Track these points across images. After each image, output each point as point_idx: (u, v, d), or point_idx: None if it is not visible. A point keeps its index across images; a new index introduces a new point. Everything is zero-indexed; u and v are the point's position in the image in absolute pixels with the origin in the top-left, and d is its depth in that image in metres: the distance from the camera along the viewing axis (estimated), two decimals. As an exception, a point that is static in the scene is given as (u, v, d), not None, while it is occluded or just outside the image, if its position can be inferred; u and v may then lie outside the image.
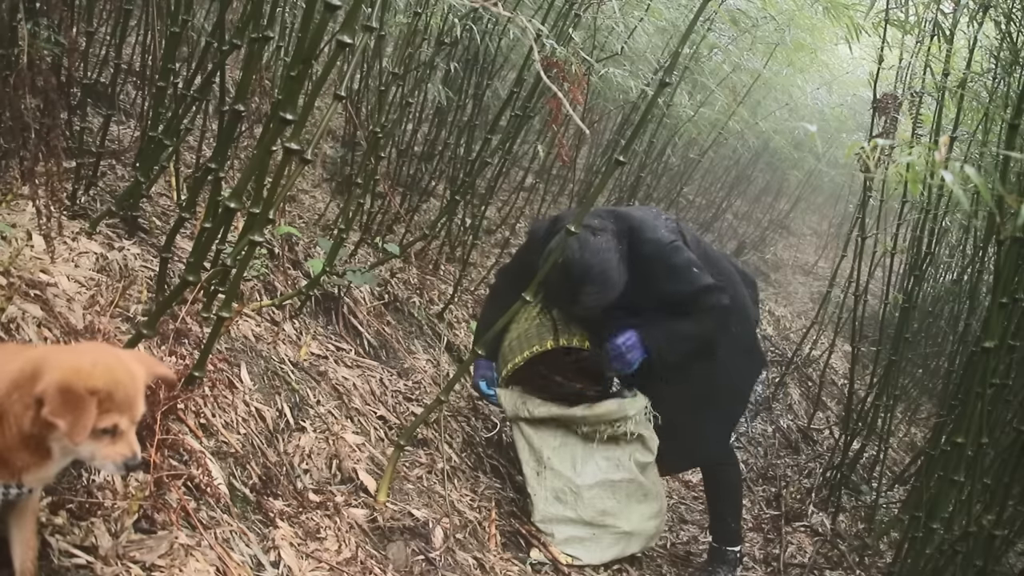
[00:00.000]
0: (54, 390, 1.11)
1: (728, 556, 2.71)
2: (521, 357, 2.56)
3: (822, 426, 4.43)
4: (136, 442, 1.19)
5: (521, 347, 2.57)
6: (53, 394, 1.11)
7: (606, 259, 2.27)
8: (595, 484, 2.51)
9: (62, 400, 1.11)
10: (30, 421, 1.14)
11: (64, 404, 1.11)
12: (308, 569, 1.69)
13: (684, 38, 2.03)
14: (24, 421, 1.14)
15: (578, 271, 2.26)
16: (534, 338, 2.56)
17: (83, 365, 1.15)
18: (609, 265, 2.27)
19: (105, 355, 1.21)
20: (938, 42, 3.10)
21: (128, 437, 1.18)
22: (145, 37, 3.00)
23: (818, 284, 7.99)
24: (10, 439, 1.15)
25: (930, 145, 1.49)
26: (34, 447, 1.17)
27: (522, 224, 5.04)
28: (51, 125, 1.98)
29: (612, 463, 2.54)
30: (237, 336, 2.23)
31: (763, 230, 8.38)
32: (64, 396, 1.11)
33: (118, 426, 1.17)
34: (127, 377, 1.18)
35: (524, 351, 2.56)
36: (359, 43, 1.92)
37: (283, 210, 3.07)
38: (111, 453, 1.17)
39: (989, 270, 3.22)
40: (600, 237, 2.30)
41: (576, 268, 2.26)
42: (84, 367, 1.15)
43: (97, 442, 1.16)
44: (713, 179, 7.84)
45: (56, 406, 1.11)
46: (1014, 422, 2.10)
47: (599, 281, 2.27)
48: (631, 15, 4.02)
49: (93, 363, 1.16)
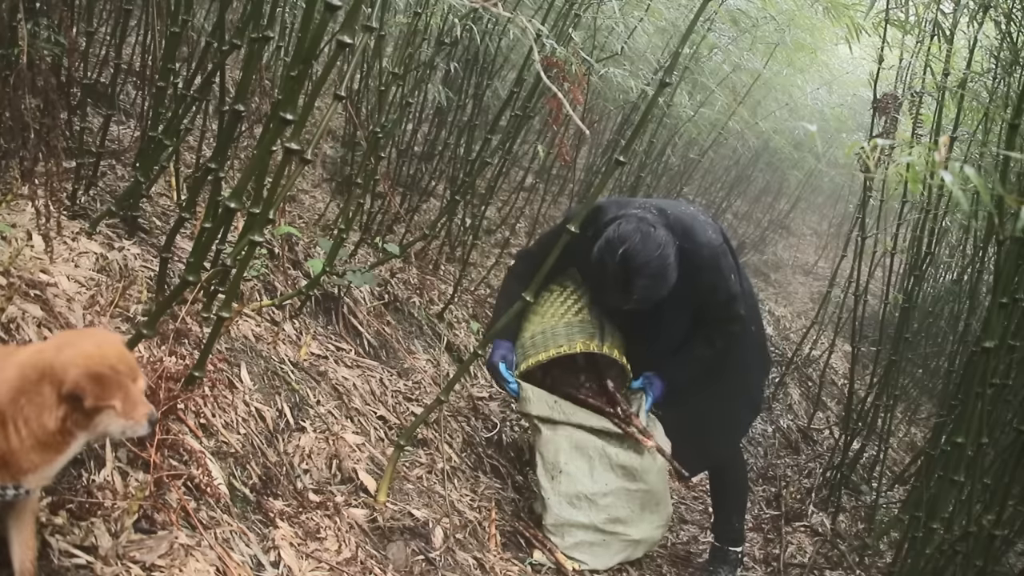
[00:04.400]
0: (88, 381, 1.16)
1: (730, 556, 2.71)
2: (546, 355, 2.46)
3: (822, 426, 4.43)
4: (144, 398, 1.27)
5: (546, 344, 2.48)
6: (90, 385, 1.16)
7: (666, 254, 2.21)
8: (610, 492, 2.47)
9: (101, 386, 1.17)
10: (59, 419, 1.17)
11: (105, 388, 1.18)
12: (308, 569, 1.69)
13: (684, 38, 2.03)
14: (46, 421, 1.17)
15: (638, 262, 2.18)
16: (562, 337, 2.46)
17: (89, 351, 1.20)
18: (667, 261, 2.21)
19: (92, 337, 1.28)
20: (938, 42, 3.10)
21: (141, 397, 1.26)
22: (145, 37, 3.00)
23: (818, 284, 7.99)
24: (22, 442, 1.17)
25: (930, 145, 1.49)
26: (51, 446, 1.19)
27: (522, 224, 5.04)
28: (51, 125, 1.98)
29: (629, 472, 2.48)
30: (237, 336, 2.23)
31: (763, 230, 8.38)
32: (100, 382, 1.17)
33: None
34: (119, 347, 1.25)
35: (551, 349, 2.46)
36: (359, 43, 1.92)
37: (283, 210, 3.07)
38: (138, 417, 1.24)
39: (989, 270, 3.21)
40: (660, 232, 2.24)
41: (636, 259, 2.17)
42: (92, 352, 1.20)
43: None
44: (713, 179, 7.84)
45: (100, 392, 1.17)
46: (1014, 422, 2.10)
47: (658, 275, 2.21)
48: (631, 15, 4.02)
49: (95, 345, 1.22)
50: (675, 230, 2.30)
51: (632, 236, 2.18)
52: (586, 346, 2.45)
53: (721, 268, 2.38)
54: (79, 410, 1.18)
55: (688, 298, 2.37)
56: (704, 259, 2.33)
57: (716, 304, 2.42)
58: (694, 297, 2.39)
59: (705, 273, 2.35)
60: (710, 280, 2.37)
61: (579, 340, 2.46)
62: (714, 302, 2.42)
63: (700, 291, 2.38)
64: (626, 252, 2.17)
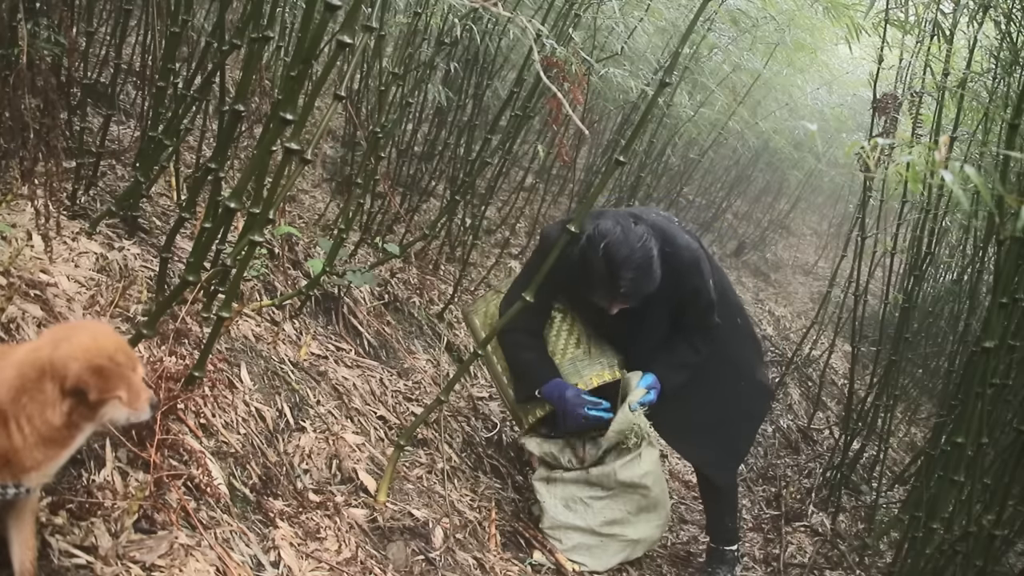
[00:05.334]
0: (90, 374, 1.17)
1: (727, 556, 2.71)
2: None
3: (822, 426, 4.43)
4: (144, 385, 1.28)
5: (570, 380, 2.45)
6: (93, 379, 1.17)
7: (648, 247, 2.21)
8: (606, 496, 2.48)
9: (104, 379, 1.18)
10: (63, 414, 1.18)
11: (108, 380, 1.19)
12: (308, 569, 1.69)
13: (684, 38, 2.03)
14: (51, 417, 1.17)
15: (622, 255, 2.17)
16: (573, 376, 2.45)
17: (87, 344, 1.21)
18: (651, 253, 2.21)
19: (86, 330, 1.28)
20: (938, 42, 3.10)
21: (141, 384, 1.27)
22: (145, 37, 3.00)
23: (818, 284, 7.99)
24: (25, 440, 1.17)
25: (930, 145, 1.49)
26: (55, 442, 1.20)
27: (522, 224, 5.04)
28: (51, 125, 1.98)
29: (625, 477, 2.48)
30: (237, 336, 2.23)
31: (763, 230, 8.38)
32: (103, 375, 1.18)
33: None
34: (115, 337, 1.26)
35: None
36: (359, 43, 1.92)
37: (283, 210, 3.07)
38: (140, 403, 1.26)
39: (989, 270, 3.22)
40: (640, 227, 2.24)
41: (620, 252, 2.17)
42: (90, 345, 1.20)
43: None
44: (713, 179, 7.84)
45: (104, 384, 1.18)
46: (1014, 422, 2.10)
47: (643, 267, 2.19)
48: (631, 15, 4.02)
49: (91, 338, 1.22)
50: (654, 234, 2.29)
51: (613, 230, 2.19)
52: (600, 378, 2.46)
53: (702, 271, 2.39)
54: (84, 403, 1.19)
55: (669, 301, 2.38)
56: (685, 261, 2.34)
57: (698, 311, 2.43)
58: (676, 302, 2.40)
59: (687, 277, 2.36)
60: (692, 284, 2.38)
61: (592, 374, 2.46)
62: (696, 308, 2.42)
63: (683, 296, 2.39)
64: (608, 245, 2.18)
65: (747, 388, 2.65)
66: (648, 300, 2.28)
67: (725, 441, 2.65)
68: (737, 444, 2.72)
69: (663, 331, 2.49)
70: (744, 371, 2.66)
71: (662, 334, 2.49)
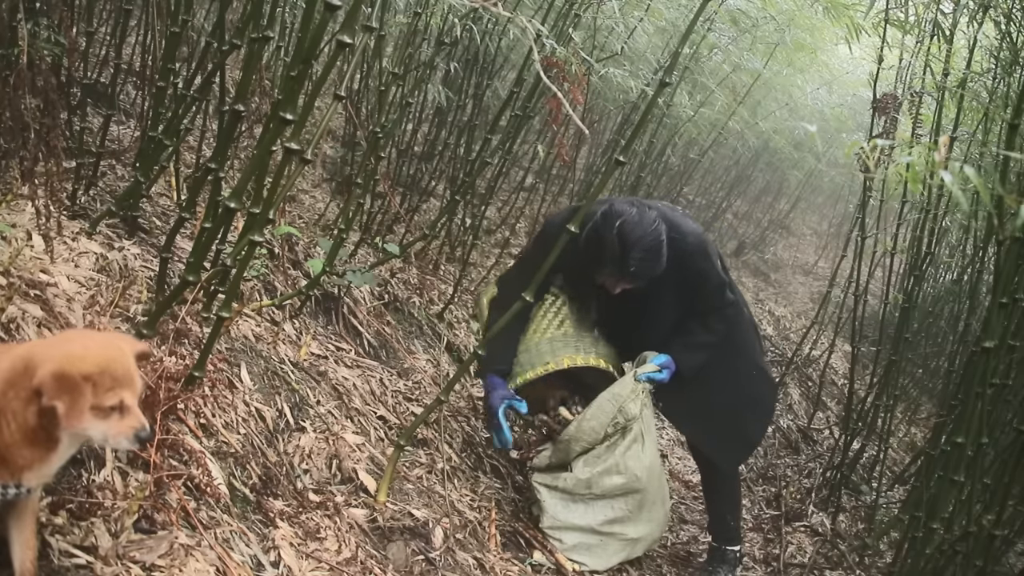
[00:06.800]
0: (50, 378, 1.15)
1: (728, 555, 2.71)
2: (534, 373, 2.48)
3: (822, 426, 4.43)
4: (141, 414, 1.24)
5: (532, 363, 2.50)
6: (49, 382, 1.15)
7: (659, 231, 2.27)
8: (605, 494, 2.48)
9: (58, 386, 1.15)
10: (34, 414, 1.17)
11: (60, 389, 1.15)
12: (308, 569, 1.69)
13: (684, 38, 2.03)
14: (28, 415, 1.17)
15: (635, 235, 2.22)
16: (547, 354, 2.48)
17: (74, 351, 1.19)
18: (661, 238, 2.28)
19: (91, 339, 1.27)
20: (938, 42, 3.10)
21: (134, 411, 1.23)
22: (145, 37, 3.00)
23: (818, 284, 7.99)
24: (12, 436, 1.17)
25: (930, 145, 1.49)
26: (39, 442, 1.19)
27: (522, 224, 5.04)
28: (51, 125, 1.98)
29: (625, 475, 2.47)
30: (237, 336, 2.23)
31: (763, 230, 8.38)
32: (59, 382, 1.15)
33: (123, 402, 1.21)
34: (119, 354, 1.23)
35: (538, 368, 2.48)
36: (359, 43, 1.92)
37: (283, 210, 3.07)
38: (123, 429, 1.22)
39: (989, 270, 3.22)
40: (653, 212, 2.31)
41: (633, 232, 2.23)
42: (75, 353, 1.19)
43: (107, 421, 1.21)
44: (713, 179, 7.85)
45: (53, 392, 1.15)
46: (1014, 422, 2.10)
47: (652, 249, 2.25)
48: (631, 15, 4.02)
49: (84, 348, 1.21)
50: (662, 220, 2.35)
51: (628, 211, 2.26)
52: (572, 360, 2.48)
53: (709, 254, 2.45)
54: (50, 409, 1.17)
55: (675, 287, 2.41)
56: (691, 246, 2.39)
57: (708, 292, 2.47)
58: (685, 288, 2.43)
59: (694, 261, 2.40)
60: (700, 267, 2.42)
61: (565, 356, 2.48)
62: (706, 290, 2.47)
63: (691, 280, 2.42)
64: (623, 224, 2.24)
65: (758, 376, 2.67)
66: (655, 283, 2.34)
67: (740, 425, 2.66)
68: (749, 430, 2.71)
69: (673, 316, 2.51)
70: (756, 358, 2.68)
71: (673, 319, 2.51)
